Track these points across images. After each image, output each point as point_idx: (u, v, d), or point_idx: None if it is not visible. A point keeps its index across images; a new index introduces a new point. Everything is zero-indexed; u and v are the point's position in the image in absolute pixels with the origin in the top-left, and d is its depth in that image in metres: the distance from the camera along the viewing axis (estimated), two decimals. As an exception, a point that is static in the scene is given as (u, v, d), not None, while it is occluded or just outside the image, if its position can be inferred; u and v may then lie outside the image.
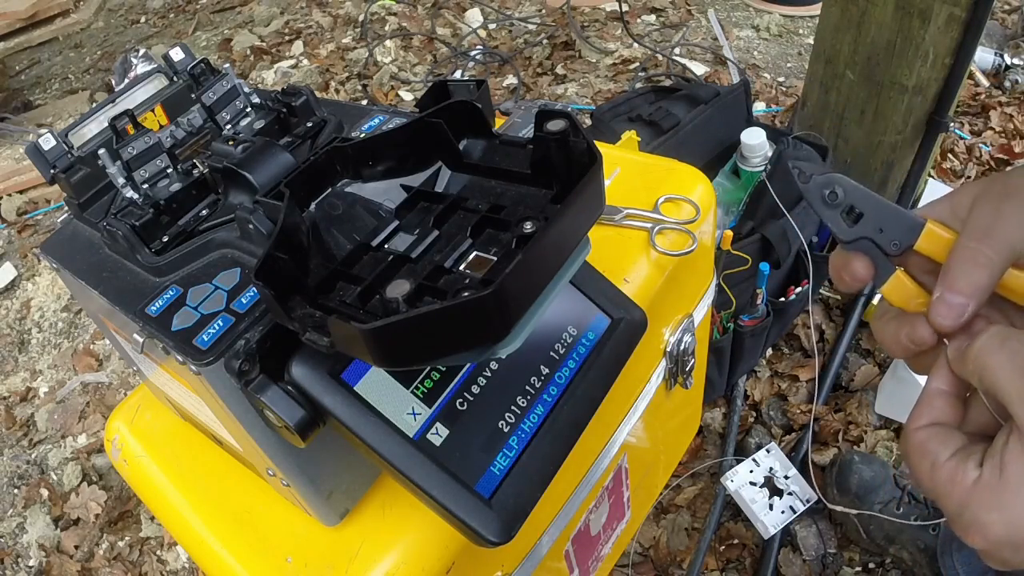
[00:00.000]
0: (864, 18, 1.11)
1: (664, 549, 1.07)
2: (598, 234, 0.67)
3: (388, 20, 2.38)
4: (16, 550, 1.27)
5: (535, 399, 0.49)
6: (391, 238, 0.45)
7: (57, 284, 1.75)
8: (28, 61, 2.77)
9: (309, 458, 0.49)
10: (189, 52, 0.61)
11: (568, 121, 0.41)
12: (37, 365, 1.60)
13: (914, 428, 0.36)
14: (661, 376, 0.79)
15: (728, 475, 1.09)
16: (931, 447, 0.35)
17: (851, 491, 1.00)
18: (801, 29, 2.05)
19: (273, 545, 0.55)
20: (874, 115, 1.21)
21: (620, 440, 0.73)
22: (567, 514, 0.69)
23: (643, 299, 0.65)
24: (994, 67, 1.71)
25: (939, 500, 0.34)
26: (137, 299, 0.47)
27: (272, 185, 0.47)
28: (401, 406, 0.45)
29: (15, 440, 1.45)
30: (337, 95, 2.11)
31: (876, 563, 1.01)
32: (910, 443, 0.36)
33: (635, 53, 2.02)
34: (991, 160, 1.52)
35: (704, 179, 0.74)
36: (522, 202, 0.43)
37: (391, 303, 0.36)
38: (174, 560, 1.20)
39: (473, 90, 0.47)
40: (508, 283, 0.34)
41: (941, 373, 0.36)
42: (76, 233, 0.56)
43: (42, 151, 0.52)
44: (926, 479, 0.35)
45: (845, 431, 1.14)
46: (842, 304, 1.30)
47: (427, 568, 0.52)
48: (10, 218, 1.98)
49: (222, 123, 0.58)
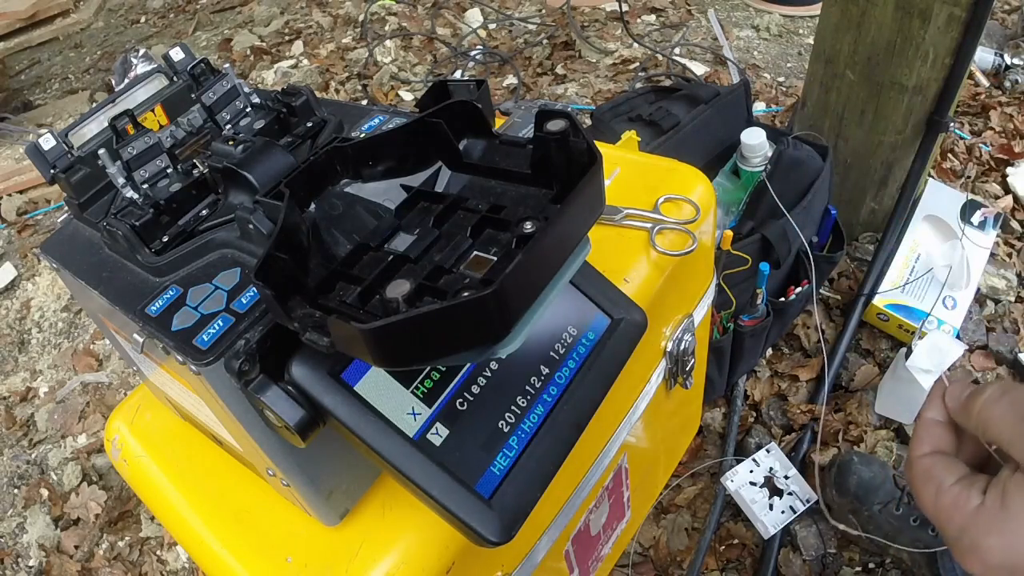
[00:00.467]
0: (864, 18, 1.11)
1: (664, 549, 1.07)
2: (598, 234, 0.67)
3: (388, 20, 2.38)
4: (16, 550, 1.27)
5: (535, 399, 0.49)
6: (391, 238, 0.45)
7: (57, 284, 1.75)
8: (28, 61, 2.77)
9: (309, 458, 0.49)
10: (189, 52, 0.61)
11: (568, 121, 0.41)
12: (37, 365, 1.60)
13: (918, 456, 0.38)
14: (661, 376, 0.79)
15: (728, 475, 1.09)
16: (936, 472, 0.37)
17: (851, 491, 1.00)
18: (801, 29, 2.05)
19: (273, 545, 0.55)
20: (874, 115, 1.21)
21: (620, 440, 0.73)
22: (567, 514, 0.69)
23: (643, 299, 0.65)
24: (994, 67, 1.71)
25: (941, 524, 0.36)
26: (137, 299, 0.47)
27: (272, 185, 0.47)
28: (401, 406, 0.45)
29: (15, 440, 1.45)
30: (337, 95, 2.11)
31: (876, 563, 1.01)
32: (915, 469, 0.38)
33: (635, 53, 2.02)
34: (991, 160, 1.52)
35: (704, 179, 0.74)
36: (522, 202, 0.43)
37: (391, 303, 0.36)
38: (174, 560, 1.20)
39: (473, 90, 0.47)
40: (508, 283, 0.34)
41: (936, 404, 0.39)
42: (76, 233, 0.56)
43: (42, 151, 0.52)
44: (930, 503, 0.36)
45: (845, 431, 1.14)
46: (842, 304, 1.30)
47: (427, 568, 0.52)
48: (10, 218, 1.98)
49: (222, 123, 0.58)
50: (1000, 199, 1.44)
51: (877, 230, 1.37)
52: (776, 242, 1.04)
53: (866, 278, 1.26)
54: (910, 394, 1.06)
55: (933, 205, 1.32)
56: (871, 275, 1.25)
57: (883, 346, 1.24)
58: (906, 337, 1.22)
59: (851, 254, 1.37)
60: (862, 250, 1.36)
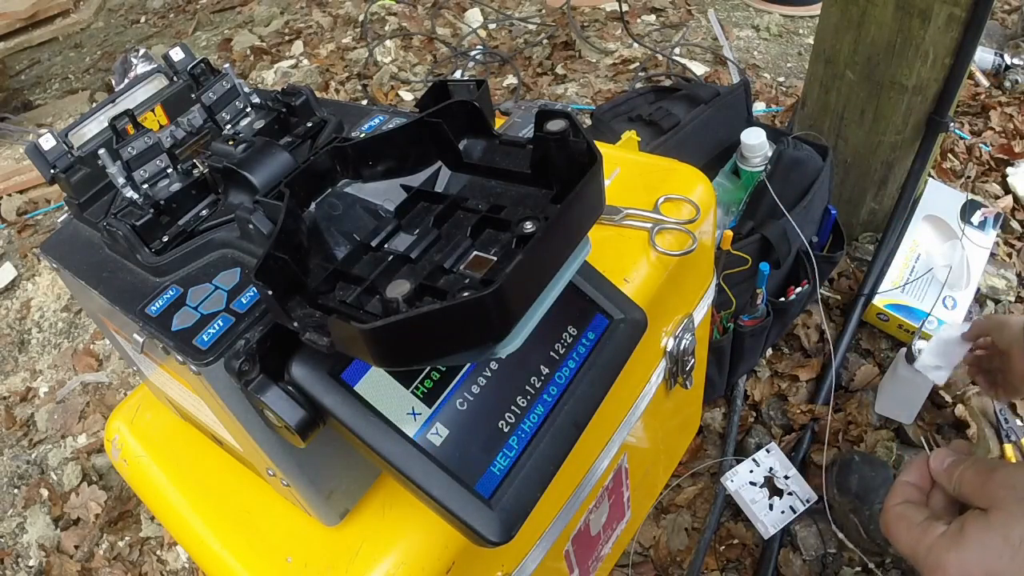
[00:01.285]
0: (864, 18, 1.11)
1: (664, 549, 1.07)
2: (598, 234, 0.67)
3: (388, 20, 2.38)
4: (16, 550, 1.27)
5: (535, 399, 0.49)
6: (391, 238, 0.45)
7: (57, 284, 1.76)
8: (28, 61, 2.77)
9: (309, 458, 0.49)
10: (189, 52, 0.61)
11: (568, 121, 0.41)
12: (37, 365, 1.60)
13: (892, 505, 0.49)
14: (661, 376, 0.79)
15: (728, 475, 1.09)
16: (908, 513, 0.48)
17: (851, 491, 1.00)
18: (801, 29, 2.05)
19: (273, 545, 0.55)
20: (874, 115, 1.21)
21: (620, 440, 0.73)
22: (567, 514, 0.69)
23: (643, 299, 0.65)
24: (994, 67, 1.71)
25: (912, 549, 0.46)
26: (137, 299, 0.47)
27: (272, 185, 0.47)
28: (401, 406, 0.45)
29: (15, 440, 1.45)
30: (337, 95, 2.11)
31: (876, 563, 1.01)
32: (890, 515, 0.49)
33: (635, 53, 2.02)
34: (991, 160, 1.52)
35: (704, 179, 0.74)
36: (522, 202, 0.43)
37: (391, 303, 0.36)
38: (174, 560, 1.20)
39: (473, 90, 0.47)
40: (508, 283, 0.34)
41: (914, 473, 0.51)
42: (76, 233, 0.56)
43: (42, 151, 0.52)
44: (904, 536, 0.47)
45: (845, 431, 1.14)
46: (842, 304, 1.30)
47: (427, 568, 0.52)
48: (10, 218, 1.98)
49: (222, 123, 0.58)
50: (1000, 199, 1.44)
51: (877, 230, 1.37)
52: (776, 242, 1.04)
53: (866, 278, 1.26)
54: (910, 394, 1.06)
55: (933, 205, 1.32)
56: (871, 275, 1.25)
57: (883, 346, 1.24)
58: (906, 337, 1.22)
59: (851, 254, 1.37)
60: (862, 250, 1.36)
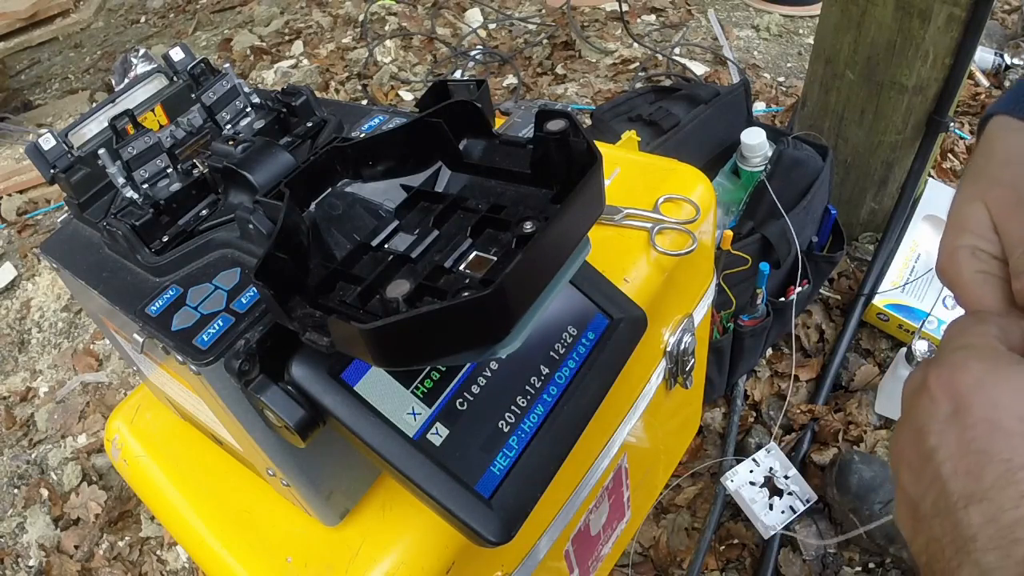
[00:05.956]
0: (864, 18, 1.11)
1: (664, 549, 1.07)
2: (598, 234, 0.67)
3: (388, 20, 2.38)
4: (16, 550, 1.27)
5: (535, 399, 0.49)
6: (391, 238, 0.45)
7: (57, 284, 1.75)
8: (28, 61, 2.77)
9: (309, 458, 0.49)
10: (189, 52, 0.61)
11: (568, 121, 0.41)
12: (37, 365, 1.60)
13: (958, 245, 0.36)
14: (661, 376, 0.79)
15: (728, 475, 1.09)
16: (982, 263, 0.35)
17: (851, 491, 1.00)
18: (801, 29, 2.05)
19: (273, 545, 0.55)
20: (874, 115, 1.21)
21: (620, 440, 0.73)
22: (567, 514, 0.69)
23: (643, 299, 0.65)
24: (994, 67, 1.71)
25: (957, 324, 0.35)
26: (137, 299, 0.47)
27: (272, 185, 0.47)
28: (401, 406, 0.45)
29: (15, 440, 1.45)
30: (337, 95, 2.11)
31: (876, 563, 1.01)
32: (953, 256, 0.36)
33: (635, 53, 2.02)
34: (991, 160, 1.51)
35: (704, 179, 0.74)
36: (522, 202, 0.43)
37: (391, 303, 0.36)
38: (174, 560, 1.20)
39: (473, 90, 0.47)
40: (508, 283, 0.34)
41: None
42: (76, 233, 0.56)
43: (42, 151, 0.52)
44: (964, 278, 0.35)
45: (845, 431, 1.14)
46: (842, 304, 1.30)
47: (427, 568, 0.52)
48: (10, 218, 1.98)
49: (222, 123, 0.58)
50: (1000, 199, 1.44)
51: (877, 230, 1.37)
52: (776, 242, 1.04)
53: (866, 278, 1.26)
54: (910, 394, 1.06)
55: (933, 205, 1.32)
56: (871, 275, 1.25)
57: (883, 346, 1.24)
58: (906, 337, 1.22)
59: (851, 254, 1.37)
60: (862, 250, 1.36)
